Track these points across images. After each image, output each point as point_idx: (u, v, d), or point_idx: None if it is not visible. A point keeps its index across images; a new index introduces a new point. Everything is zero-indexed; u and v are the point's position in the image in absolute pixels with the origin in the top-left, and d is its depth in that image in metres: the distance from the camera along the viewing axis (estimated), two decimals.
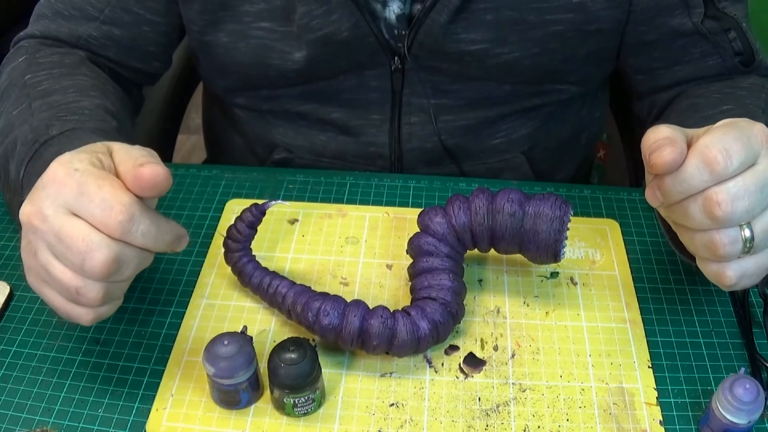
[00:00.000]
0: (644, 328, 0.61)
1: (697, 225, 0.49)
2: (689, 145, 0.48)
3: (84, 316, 0.49)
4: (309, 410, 0.55)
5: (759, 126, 0.49)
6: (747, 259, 0.49)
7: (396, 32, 0.72)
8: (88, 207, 0.46)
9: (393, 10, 0.71)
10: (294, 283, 0.59)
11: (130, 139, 0.55)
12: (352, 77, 0.76)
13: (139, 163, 0.47)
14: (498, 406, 0.56)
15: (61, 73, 0.69)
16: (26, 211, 0.48)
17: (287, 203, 0.62)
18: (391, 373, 0.58)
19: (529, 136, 0.82)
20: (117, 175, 0.48)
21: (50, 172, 0.48)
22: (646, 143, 0.48)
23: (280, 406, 0.54)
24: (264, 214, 0.59)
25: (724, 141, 0.47)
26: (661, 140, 0.47)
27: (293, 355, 0.53)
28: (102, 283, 0.47)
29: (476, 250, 0.62)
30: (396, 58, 0.74)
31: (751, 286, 0.52)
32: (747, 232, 0.48)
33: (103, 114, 0.65)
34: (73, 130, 0.60)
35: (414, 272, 0.60)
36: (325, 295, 0.57)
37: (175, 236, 0.50)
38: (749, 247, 0.48)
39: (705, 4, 0.70)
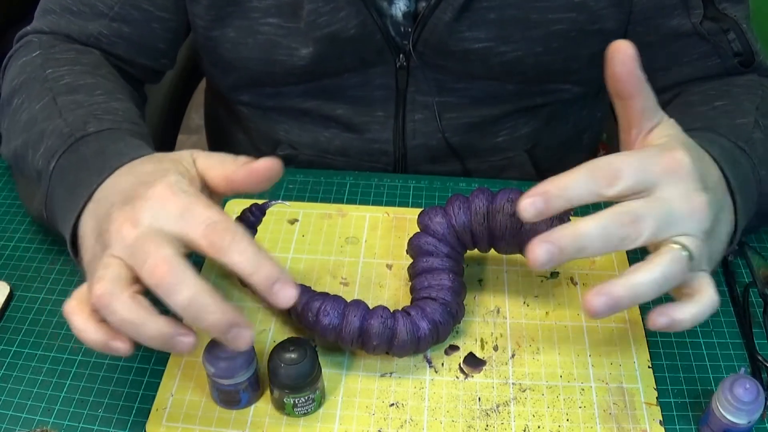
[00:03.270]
0: (644, 328, 0.61)
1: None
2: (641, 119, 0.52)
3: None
4: (309, 410, 0.55)
5: (670, 154, 0.49)
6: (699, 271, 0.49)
7: (402, 29, 0.73)
8: (191, 221, 0.46)
9: (399, 7, 0.71)
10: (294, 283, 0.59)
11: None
12: (357, 75, 0.76)
13: (244, 161, 0.50)
14: (498, 406, 0.56)
15: (82, 70, 0.69)
16: (122, 217, 0.47)
17: (287, 203, 0.62)
18: (391, 373, 0.58)
19: (531, 135, 0.82)
20: (207, 180, 0.51)
21: (157, 190, 0.48)
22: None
23: (280, 406, 0.55)
24: (264, 214, 0.59)
25: (618, 161, 0.49)
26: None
27: (293, 355, 0.53)
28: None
29: (476, 250, 0.62)
30: (401, 55, 0.74)
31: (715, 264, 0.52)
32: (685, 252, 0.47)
33: (136, 117, 0.66)
34: (111, 130, 0.60)
35: (414, 272, 0.60)
36: (325, 295, 0.57)
37: (276, 273, 0.46)
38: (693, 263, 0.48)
39: (704, 5, 0.70)
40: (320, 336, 0.57)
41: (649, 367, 0.58)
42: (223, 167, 0.51)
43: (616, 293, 0.46)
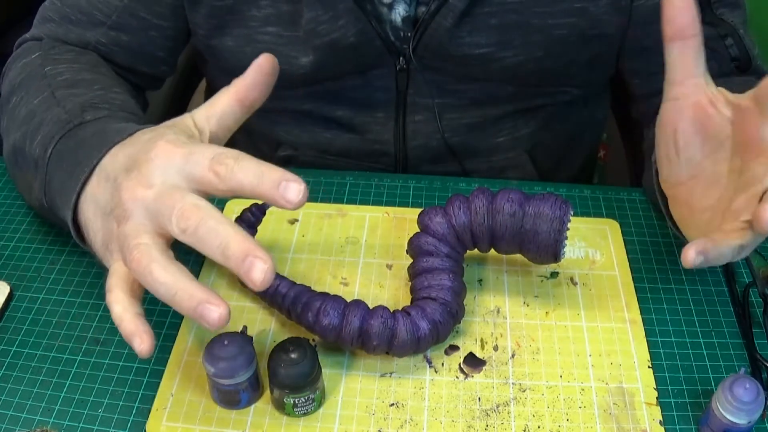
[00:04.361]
0: (644, 328, 0.61)
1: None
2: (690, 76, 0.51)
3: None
4: (309, 410, 0.55)
5: None
6: None
7: (401, 34, 0.73)
8: (198, 160, 0.47)
9: (399, 12, 0.71)
10: (294, 283, 0.59)
11: None
12: (358, 78, 0.76)
13: (239, 78, 0.54)
14: (498, 406, 0.56)
15: (80, 67, 0.70)
16: (131, 185, 0.48)
17: None
18: (391, 373, 0.58)
19: (532, 135, 0.82)
20: (219, 119, 0.54)
21: (159, 148, 0.48)
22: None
23: (280, 406, 0.55)
24: (264, 214, 0.60)
25: None
26: None
27: (293, 355, 0.53)
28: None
29: (476, 250, 0.62)
30: (401, 58, 0.74)
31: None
32: None
33: (134, 108, 0.66)
34: (107, 117, 0.61)
35: (414, 272, 0.60)
36: (325, 295, 0.57)
37: (279, 176, 0.46)
38: None
39: (702, 11, 0.70)
40: (320, 336, 0.57)
41: (649, 367, 0.58)
42: (227, 90, 0.54)
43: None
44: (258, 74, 0.54)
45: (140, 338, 0.46)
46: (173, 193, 0.46)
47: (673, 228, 0.60)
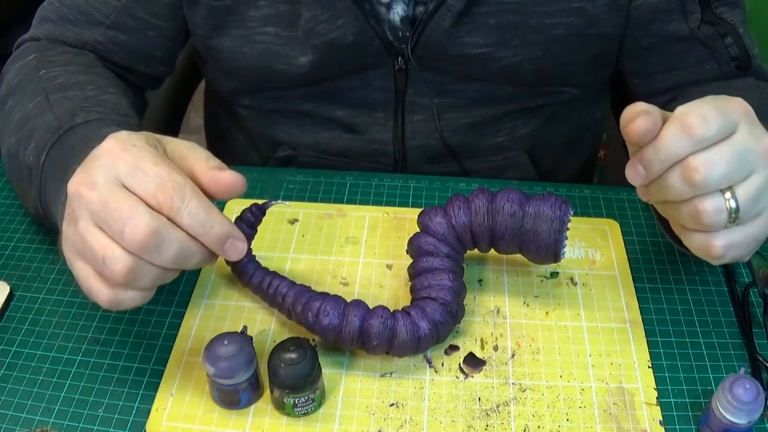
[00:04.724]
0: (644, 328, 0.61)
1: (678, 195, 0.49)
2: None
3: (102, 293, 0.47)
4: (309, 410, 0.55)
5: (737, 99, 0.50)
6: (734, 230, 0.50)
7: (400, 34, 0.73)
8: (141, 181, 0.46)
9: (397, 12, 0.71)
10: (294, 283, 0.59)
11: None
12: (356, 78, 0.76)
13: (214, 166, 0.49)
14: (498, 406, 0.56)
15: (75, 69, 0.70)
16: (76, 180, 0.48)
17: (287, 203, 0.62)
18: (391, 373, 0.58)
19: (531, 135, 0.82)
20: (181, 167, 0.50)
21: (105, 146, 0.48)
22: (623, 118, 0.49)
23: (280, 406, 0.54)
24: (264, 214, 0.59)
25: (701, 108, 0.48)
26: (636, 113, 0.48)
27: (293, 355, 0.53)
28: (133, 257, 0.46)
29: (476, 250, 0.62)
30: (400, 58, 0.74)
31: (739, 260, 0.53)
32: (732, 203, 0.48)
33: (126, 109, 0.66)
34: (98, 120, 0.61)
35: (414, 272, 0.60)
36: (325, 295, 0.57)
37: (226, 233, 0.49)
38: (735, 217, 0.49)
39: (702, 10, 0.70)
40: (320, 336, 0.56)
41: (649, 367, 0.58)
42: (192, 163, 0.50)
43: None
44: (214, 184, 0.50)
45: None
46: (117, 200, 0.46)
47: (673, 241, 0.60)
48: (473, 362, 0.59)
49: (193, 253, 0.48)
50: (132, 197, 0.46)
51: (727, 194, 0.48)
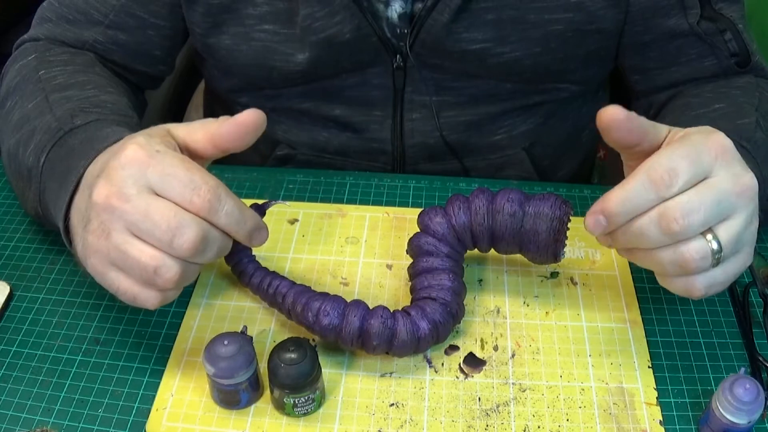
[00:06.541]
0: (644, 328, 0.61)
1: (654, 243, 0.48)
2: (654, 148, 0.50)
3: (152, 299, 0.49)
4: (309, 410, 0.55)
5: (714, 138, 0.49)
6: (715, 270, 0.49)
7: (398, 31, 0.73)
8: (175, 187, 0.47)
9: (395, 9, 0.71)
10: (294, 283, 0.59)
11: None
12: (355, 75, 0.76)
13: (225, 118, 0.51)
14: (498, 406, 0.56)
15: (74, 69, 0.70)
16: (103, 192, 0.48)
17: (287, 203, 0.62)
18: (391, 373, 0.58)
19: (530, 133, 0.82)
20: (188, 149, 0.52)
21: (129, 154, 0.48)
22: (599, 116, 0.49)
23: (280, 406, 0.55)
24: (264, 214, 0.59)
25: (671, 159, 0.47)
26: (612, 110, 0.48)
27: (293, 355, 0.53)
28: (182, 263, 0.48)
29: (476, 250, 0.62)
30: (398, 56, 0.74)
31: (718, 293, 0.52)
32: (714, 245, 0.48)
33: (125, 109, 0.66)
34: (97, 121, 0.61)
35: (414, 272, 0.60)
36: (325, 295, 0.57)
37: (256, 225, 0.51)
38: (718, 258, 0.48)
39: (701, 5, 0.70)
40: (320, 336, 0.57)
41: (649, 367, 0.58)
42: (205, 128, 0.51)
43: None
44: (237, 128, 0.51)
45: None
46: (160, 210, 0.47)
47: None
48: (473, 362, 0.59)
49: (228, 246, 0.51)
50: (171, 205, 0.47)
51: (709, 236, 0.48)
